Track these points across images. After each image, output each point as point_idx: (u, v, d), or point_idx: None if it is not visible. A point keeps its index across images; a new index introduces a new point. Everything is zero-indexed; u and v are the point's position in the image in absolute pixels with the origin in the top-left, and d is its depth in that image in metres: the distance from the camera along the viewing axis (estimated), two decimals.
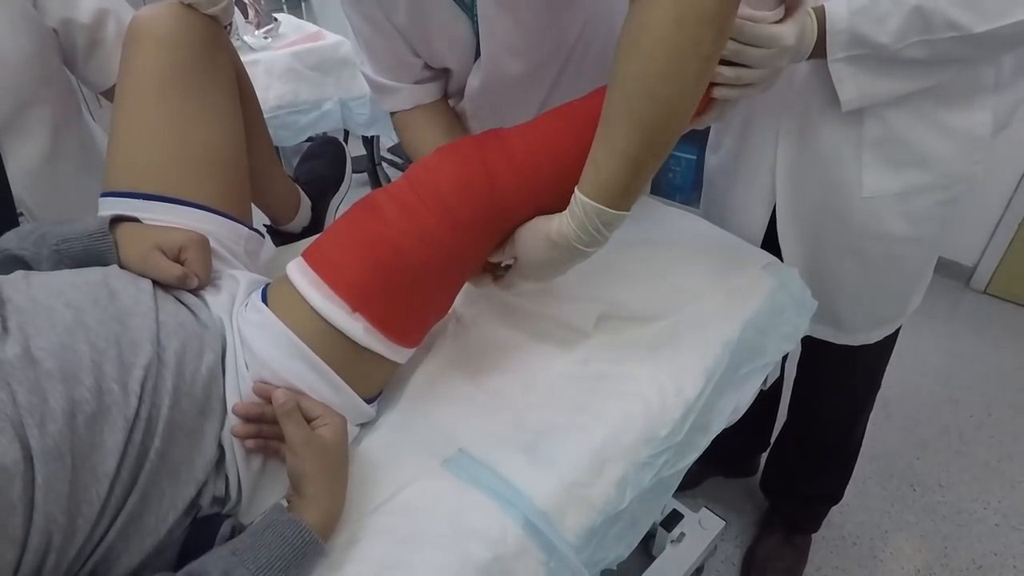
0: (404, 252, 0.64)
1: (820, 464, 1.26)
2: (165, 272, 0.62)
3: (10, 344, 0.47)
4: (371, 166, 2.68)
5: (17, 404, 0.45)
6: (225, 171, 0.76)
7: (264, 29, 1.81)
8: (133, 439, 0.50)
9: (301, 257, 0.66)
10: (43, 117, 0.82)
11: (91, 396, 0.49)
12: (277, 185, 0.99)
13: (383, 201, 0.66)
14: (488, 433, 0.65)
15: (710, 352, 0.74)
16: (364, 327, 0.62)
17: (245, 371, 0.60)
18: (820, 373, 1.16)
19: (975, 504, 1.48)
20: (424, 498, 0.59)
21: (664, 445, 0.66)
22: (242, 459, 0.58)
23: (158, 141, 0.72)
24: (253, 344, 0.61)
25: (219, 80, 0.77)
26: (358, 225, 0.66)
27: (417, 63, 0.87)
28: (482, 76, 0.85)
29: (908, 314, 1.02)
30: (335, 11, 3.09)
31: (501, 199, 0.67)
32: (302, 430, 0.56)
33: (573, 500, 0.60)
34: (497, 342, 0.77)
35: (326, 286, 0.62)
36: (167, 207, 0.71)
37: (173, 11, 0.74)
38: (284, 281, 0.66)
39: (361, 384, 0.65)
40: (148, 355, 0.53)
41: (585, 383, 0.70)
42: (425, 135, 0.92)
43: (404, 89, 0.89)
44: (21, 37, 0.76)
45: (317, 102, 1.77)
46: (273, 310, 0.62)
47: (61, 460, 0.45)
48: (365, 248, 0.64)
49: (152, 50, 0.73)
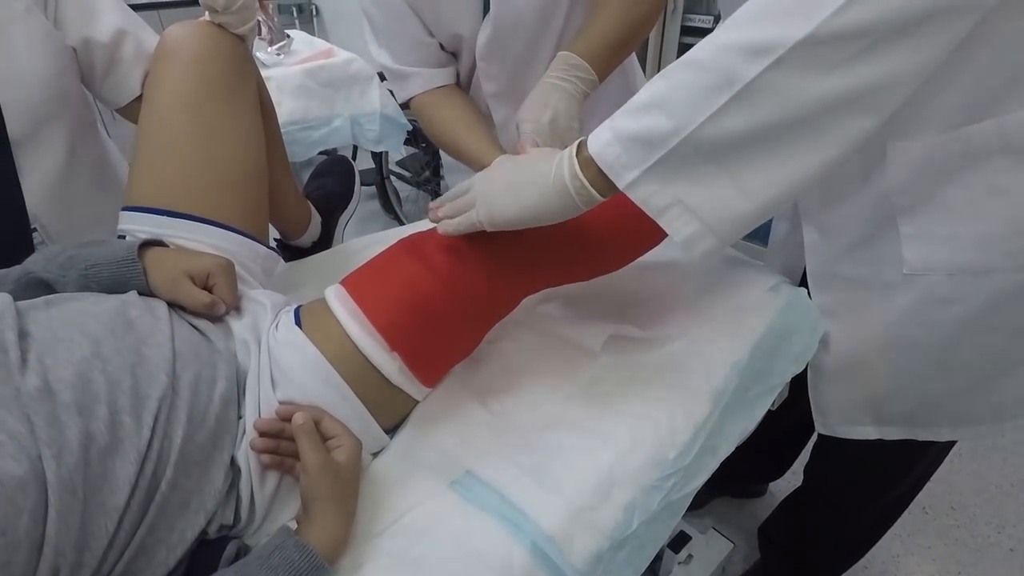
0: (447, 298, 0.65)
1: (832, 552, 1.15)
2: (195, 300, 0.63)
3: (29, 376, 0.48)
4: (379, 179, 2.70)
5: (36, 436, 0.45)
6: (247, 188, 0.78)
7: (277, 46, 1.83)
8: (144, 471, 0.50)
9: (341, 287, 0.67)
10: (59, 134, 0.83)
11: (105, 429, 0.49)
12: (290, 200, 1.00)
13: (431, 246, 0.67)
14: (495, 455, 0.64)
15: (718, 374, 0.74)
16: (399, 366, 0.64)
17: (271, 391, 0.61)
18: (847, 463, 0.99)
19: (989, 528, 1.46)
20: (430, 521, 0.59)
21: (673, 468, 0.66)
22: (257, 478, 0.58)
23: (184, 156, 0.73)
24: (284, 365, 0.62)
25: (245, 97, 0.79)
26: (402, 264, 0.67)
27: (432, 44, 0.92)
28: (492, 25, 0.88)
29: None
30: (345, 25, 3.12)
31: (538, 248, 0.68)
32: (318, 452, 0.55)
33: (580, 524, 0.59)
34: (505, 363, 0.77)
35: (367, 321, 0.63)
36: (190, 225, 0.72)
37: (203, 30, 0.77)
38: (321, 307, 0.67)
39: (384, 416, 0.66)
40: (163, 386, 0.53)
41: (593, 405, 0.70)
42: (444, 112, 0.95)
43: (421, 74, 0.93)
44: (41, 56, 0.77)
45: (327, 118, 1.79)
46: (307, 333, 0.63)
47: (74, 494, 0.45)
48: (408, 289, 0.65)
49: (182, 67, 0.75)
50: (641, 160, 0.49)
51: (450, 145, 0.94)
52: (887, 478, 0.98)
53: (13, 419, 0.45)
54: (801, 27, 0.41)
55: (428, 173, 2.52)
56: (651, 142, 0.48)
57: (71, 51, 0.82)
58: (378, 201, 2.82)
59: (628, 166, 0.50)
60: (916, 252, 0.69)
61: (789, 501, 1.24)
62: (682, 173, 0.48)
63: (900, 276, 0.71)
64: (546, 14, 0.89)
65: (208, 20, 0.78)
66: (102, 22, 0.83)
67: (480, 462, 0.64)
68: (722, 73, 0.44)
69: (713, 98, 0.44)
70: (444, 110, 0.95)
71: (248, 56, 0.83)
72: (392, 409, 0.67)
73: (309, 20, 3.49)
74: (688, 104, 0.46)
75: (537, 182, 0.59)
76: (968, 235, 0.66)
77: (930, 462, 0.95)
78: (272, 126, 0.91)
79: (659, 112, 0.47)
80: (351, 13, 3.12)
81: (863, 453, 0.90)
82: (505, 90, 0.97)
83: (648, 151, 0.48)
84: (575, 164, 0.56)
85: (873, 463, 0.96)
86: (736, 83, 0.43)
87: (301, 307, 0.69)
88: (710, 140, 0.46)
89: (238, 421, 0.59)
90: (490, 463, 0.64)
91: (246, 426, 0.59)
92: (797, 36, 0.41)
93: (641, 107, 0.49)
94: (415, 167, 2.60)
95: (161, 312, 0.60)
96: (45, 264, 0.63)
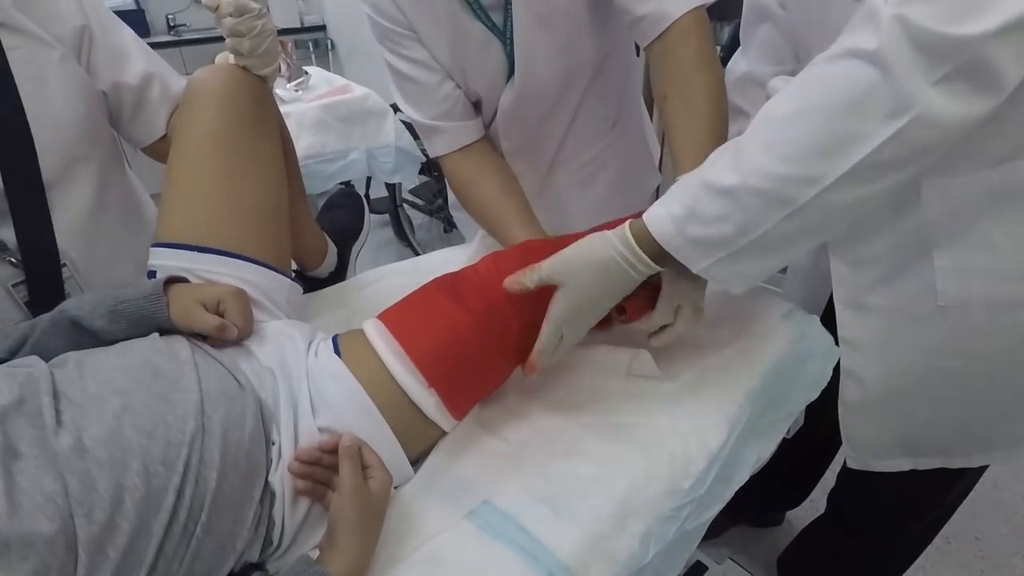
0: (482, 338, 0.68)
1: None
2: (205, 323, 0.65)
3: (63, 436, 0.50)
4: (393, 207, 2.74)
5: (69, 495, 0.46)
6: (271, 222, 0.81)
7: (296, 82, 1.89)
8: (178, 516, 0.51)
9: (380, 321, 0.70)
10: (89, 173, 0.86)
11: (140, 482, 0.50)
12: (308, 232, 1.03)
13: (467, 288, 0.71)
14: (512, 485, 0.65)
15: (733, 401, 0.74)
16: (436, 402, 0.66)
17: (311, 416, 0.63)
18: (875, 493, 0.97)
19: (1015, 559, 1.42)
20: (447, 551, 0.59)
21: (688, 498, 0.66)
22: (290, 502, 0.60)
23: (212, 194, 0.76)
24: (325, 392, 0.64)
25: (267, 136, 0.83)
26: (439, 303, 0.70)
27: (460, 97, 0.94)
28: (516, 92, 0.91)
29: None
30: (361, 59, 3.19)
31: None
32: (356, 476, 0.57)
33: (596, 554, 0.59)
34: (521, 394, 0.78)
35: (408, 357, 0.66)
36: (217, 259, 0.75)
37: (228, 72, 0.80)
38: (359, 338, 0.69)
39: (412, 449, 0.67)
40: (192, 429, 0.55)
41: (608, 434, 0.70)
42: (479, 191, 0.96)
43: (451, 129, 0.95)
44: (75, 100, 0.81)
45: (344, 152, 1.83)
46: (347, 364, 0.66)
47: (103, 552, 0.46)
48: (448, 329, 0.68)
49: (208, 110, 0.78)
50: (706, 256, 0.61)
51: (486, 223, 0.96)
52: (917, 508, 0.96)
53: (50, 479, 0.46)
54: (844, 163, 0.50)
55: (440, 201, 2.56)
56: (716, 245, 0.60)
57: (101, 95, 0.86)
58: (391, 229, 2.86)
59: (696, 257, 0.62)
60: (952, 285, 0.69)
61: (810, 531, 1.22)
62: (732, 262, 0.61)
63: (934, 308, 0.71)
64: (567, 83, 0.93)
65: (233, 63, 0.82)
66: (131, 67, 0.87)
67: (497, 491, 0.64)
68: (779, 197, 0.54)
69: (774, 214, 0.55)
70: (479, 188, 0.96)
71: (269, 96, 0.86)
72: (421, 442, 0.69)
73: (325, 55, 3.59)
74: (752, 220, 0.57)
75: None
76: (1007, 269, 0.67)
77: (961, 489, 0.94)
78: (291, 160, 0.94)
79: (726, 224, 0.58)
80: (366, 47, 3.19)
81: (893, 482, 0.89)
82: (522, 147, 1.01)
83: (713, 250, 0.60)
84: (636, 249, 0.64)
85: (903, 492, 0.94)
86: (791, 204, 0.54)
87: (338, 336, 0.72)
88: (759, 244, 0.57)
89: (271, 447, 0.61)
90: (506, 492, 0.64)
91: (281, 450, 0.61)
92: (841, 170, 0.50)
93: (711, 220, 0.59)
94: (427, 195, 2.64)
95: (184, 355, 0.61)
96: (77, 303, 0.65)
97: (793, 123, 0.53)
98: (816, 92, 0.52)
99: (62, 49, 0.80)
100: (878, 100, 0.47)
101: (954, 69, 0.44)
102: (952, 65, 0.44)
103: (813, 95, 0.52)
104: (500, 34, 0.87)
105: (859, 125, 0.49)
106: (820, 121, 0.51)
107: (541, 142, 1.01)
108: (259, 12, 0.79)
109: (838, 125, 0.50)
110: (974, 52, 0.43)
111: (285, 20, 3.40)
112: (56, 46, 0.79)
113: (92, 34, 0.84)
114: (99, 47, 0.84)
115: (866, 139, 0.49)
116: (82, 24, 0.82)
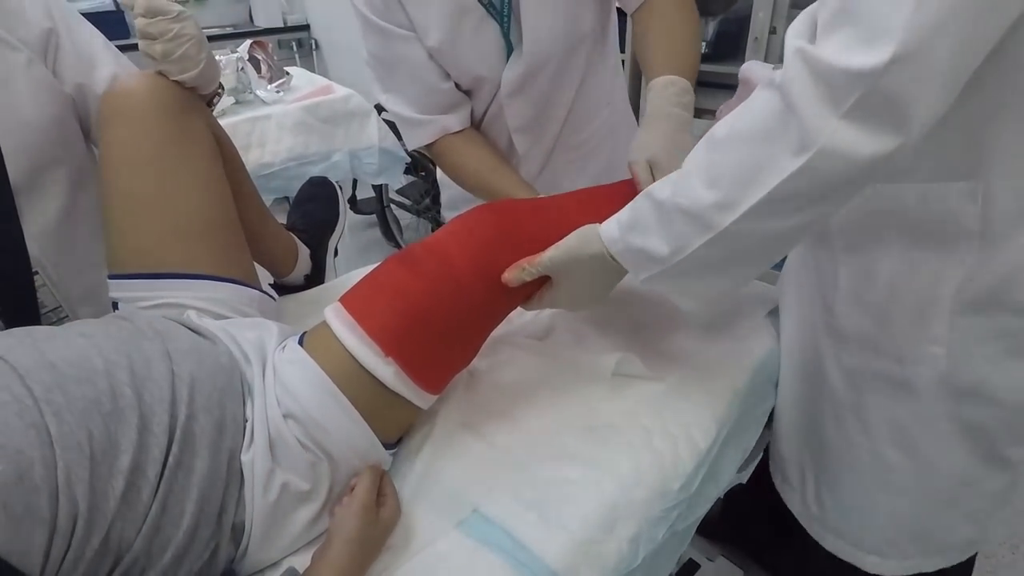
0: (438, 301, 0.66)
1: None
2: None
3: (31, 353, 0.52)
4: (380, 208, 2.72)
5: (36, 398, 0.48)
6: (219, 235, 0.78)
7: (276, 83, 1.86)
8: (147, 442, 0.52)
9: (338, 302, 0.69)
10: (60, 178, 0.84)
11: (106, 399, 0.52)
12: (271, 240, 1.00)
13: (420, 253, 0.69)
14: (499, 491, 0.64)
15: (721, 400, 0.74)
16: (395, 371, 0.64)
17: (276, 407, 0.62)
18: None
19: None
20: (436, 560, 0.59)
21: (677, 499, 0.65)
22: (260, 487, 0.58)
23: (152, 219, 0.74)
24: (286, 380, 0.63)
25: (198, 147, 0.78)
26: (394, 274, 0.69)
27: (447, 88, 0.93)
28: (523, 65, 0.90)
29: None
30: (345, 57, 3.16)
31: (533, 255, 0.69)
32: (371, 494, 0.59)
33: (586, 559, 0.58)
34: (508, 396, 0.77)
35: (361, 329, 0.64)
36: (177, 283, 0.73)
37: (147, 83, 0.75)
38: (321, 325, 0.68)
39: (382, 427, 0.65)
40: (161, 370, 0.56)
41: (596, 437, 0.70)
42: (467, 160, 0.97)
43: (436, 121, 0.95)
44: (43, 104, 0.79)
45: (327, 153, 1.80)
46: (308, 351, 0.65)
47: (79, 449, 0.48)
48: (400, 297, 0.66)
49: (125, 126, 0.74)
50: (645, 268, 0.62)
51: (478, 189, 0.96)
52: None
53: (17, 386, 0.49)
54: (757, 192, 0.50)
55: (428, 201, 2.54)
56: (652, 259, 0.60)
57: (70, 99, 0.84)
58: (379, 229, 2.84)
59: (636, 267, 0.64)
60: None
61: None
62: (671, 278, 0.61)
63: None
64: (571, 49, 0.93)
65: (151, 72, 0.77)
66: (98, 71, 0.85)
67: (484, 498, 0.63)
68: (701, 220, 0.55)
69: (697, 239, 0.56)
70: (466, 157, 0.96)
71: (196, 104, 0.81)
72: (390, 418, 0.67)
73: (309, 54, 3.56)
74: (679, 238, 0.57)
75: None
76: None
77: None
78: (235, 167, 0.90)
79: (659, 239, 0.59)
80: (350, 46, 3.19)
81: None
82: (530, 123, 1.00)
83: (651, 264, 0.61)
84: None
85: None
86: (712, 229, 0.54)
87: (306, 332, 0.71)
88: (692, 264, 0.58)
89: (244, 423, 0.60)
90: (494, 499, 0.63)
91: (254, 432, 0.60)
92: (756, 198, 0.50)
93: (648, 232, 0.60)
94: (415, 195, 2.62)
95: (159, 324, 0.63)
96: None
97: (720, 147, 0.54)
98: (743, 119, 0.52)
99: (28, 53, 0.78)
100: (788, 131, 0.47)
101: (857, 102, 0.43)
102: (853, 98, 0.43)
103: (740, 122, 0.53)
104: (497, 13, 0.86)
105: (771, 154, 0.49)
106: (741, 147, 0.52)
107: (550, 114, 1.00)
108: (177, 15, 0.74)
109: (755, 152, 0.50)
110: (870, 85, 0.42)
111: (268, 20, 3.36)
112: (22, 49, 0.78)
113: (59, 37, 0.82)
114: (66, 50, 0.83)
115: (778, 169, 0.48)
116: (48, 27, 0.80)
